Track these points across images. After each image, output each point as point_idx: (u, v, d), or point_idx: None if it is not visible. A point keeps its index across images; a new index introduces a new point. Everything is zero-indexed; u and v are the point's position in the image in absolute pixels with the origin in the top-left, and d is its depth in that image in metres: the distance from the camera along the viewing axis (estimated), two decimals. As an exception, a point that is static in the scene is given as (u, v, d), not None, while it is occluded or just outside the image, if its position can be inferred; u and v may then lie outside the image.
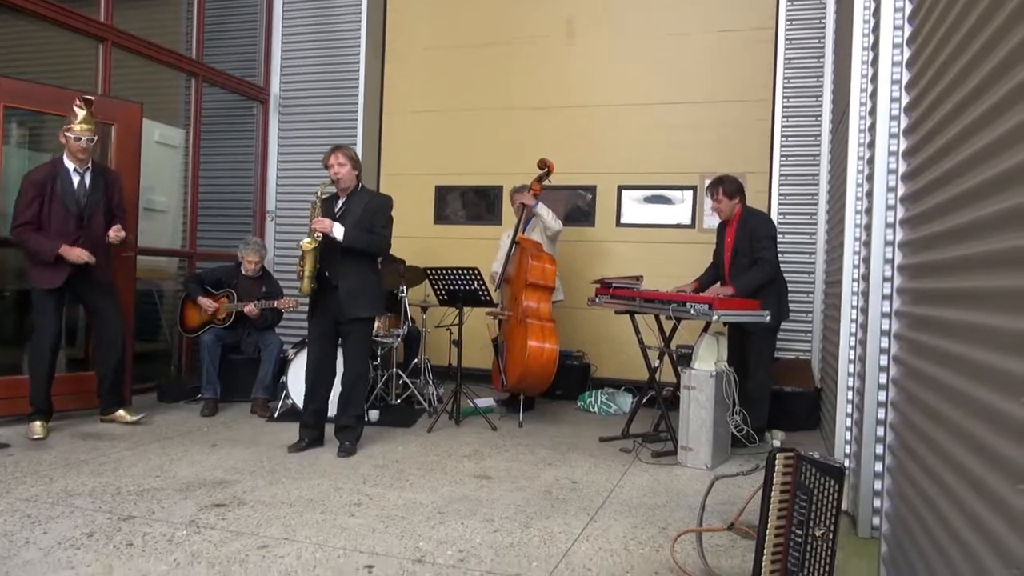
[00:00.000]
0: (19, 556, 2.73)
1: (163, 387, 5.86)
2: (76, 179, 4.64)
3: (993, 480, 1.54)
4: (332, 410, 4.55)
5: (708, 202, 5.09)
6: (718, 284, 4.97)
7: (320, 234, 4.23)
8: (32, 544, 2.84)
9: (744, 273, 4.76)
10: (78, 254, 4.53)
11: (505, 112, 6.98)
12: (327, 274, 4.32)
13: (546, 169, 5.56)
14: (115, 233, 4.69)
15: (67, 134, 4.56)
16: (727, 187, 4.85)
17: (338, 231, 4.22)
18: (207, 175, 6.76)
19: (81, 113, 4.55)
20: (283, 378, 5.35)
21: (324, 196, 4.38)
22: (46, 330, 4.58)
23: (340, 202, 4.40)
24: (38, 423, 4.50)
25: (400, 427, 5.09)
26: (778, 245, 4.95)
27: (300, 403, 4.86)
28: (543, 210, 5.55)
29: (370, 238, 4.31)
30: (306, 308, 4.56)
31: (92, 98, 4.62)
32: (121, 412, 4.92)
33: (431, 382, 5.73)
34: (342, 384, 4.45)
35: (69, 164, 4.62)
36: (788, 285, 5.03)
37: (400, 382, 5.76)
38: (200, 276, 5.86)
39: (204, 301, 5.58)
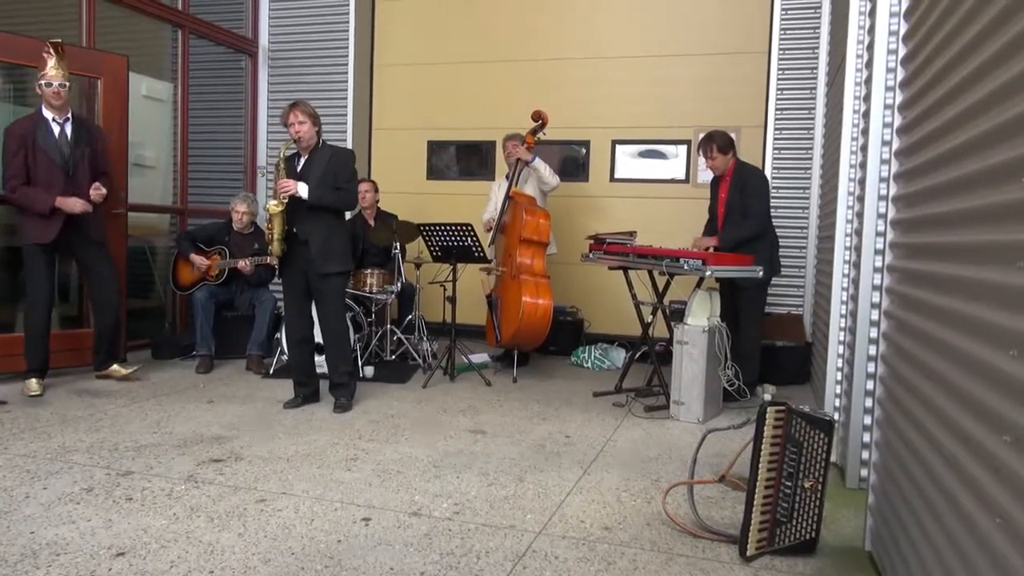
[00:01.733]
0: (20, 511, 2.76)
1: (157, 344, 5.87)
2: (56, 129, 4.56)
3: (980, 432, 1.56)
4: (322, 367, 4.56)
5: (702, 159, 5.05)
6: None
7: (286, 196, 4.19)
8: (32, 499, 2.87)
9: (734, 225, 4.76)
10: (73, 203, 4.49)
11: (498, 65, 6.87)
12: (295, 231, 4.27)
13: (540, 121, 5.49)
14: (95, 192, 4.61)
15: (40, 82, 4.48)
16: (719, 142, 4.82)
17: (303, 190, 4.18)
18: (196, 130, 6.66)
19: (51, 59, 4.45)
20: (277, 334, 5.36)
21: (287, 154, 4.32)
22: (39, 287, 4.55)
23: (302, 160, 4.34)
24: (34, 380, 4.51)
25: (395, 383, 5.12)
26: (771, 200, 4.94)
27: (295, 360, 4.88)
28: (540, 165, 5.50)
29: (336, 194, 4.27)
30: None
31: (60, 41, 4.50)
32: (115, 367, 4.92)
33: (425, 338, 5.75)
34: (324, 344, 4.44)
35: (48, 114, 4.54)
36: (780, 240, 5.03)
37: (395, 338, 5.78)
38: (192, 233, 5.82)
39: (196, 259, 5.55)
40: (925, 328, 2.07)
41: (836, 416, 3.55)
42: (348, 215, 5.73)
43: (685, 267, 4.27)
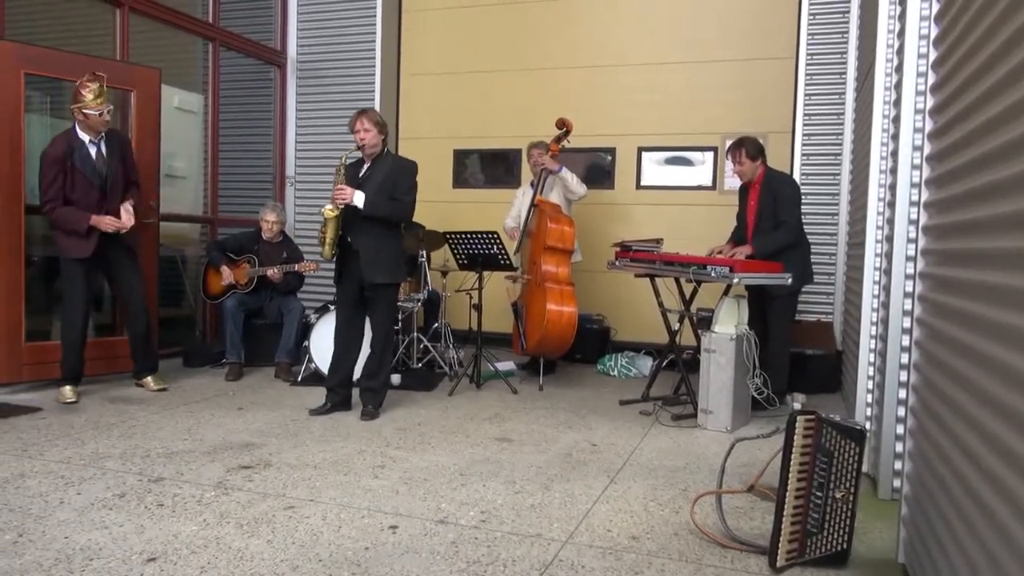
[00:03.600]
0: (54, 516, 2.81)
1: (188, 352, 5.95)
2: (93, 150, 4.64)
3: (1016, 442, 1.52)
4: (358, 373, 4.59)
5: (729, 165, 5.02)
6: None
7: (343, 202, 4.23)
8: (66, 504, 2.92)
9: (767, 234, 4.71)
10: (109, 221, 4.59)
11: (523, 73, 6.89)
12: (349, 240, 4.33)
13: (565, 128, 5.49)
14: (126, 215, 4.68)
15: (85, 111, 4.49)
16: (749, 148, 4.77)
17: (359, 199, 4.21)
18: (227, 141, 6.75)
19: (94, 86, 4.49)
20: (306, 342, 5.40)
21: (349, 161, 4.36)
22: (76, 298, 4.65)
23: (364, 167, 4.39)
24: (68, 388, 4.59)
25: (421, 391, 5.14)
26: (802, 207, 4.88)
27: (323, 367, 4.92)
28: (568, 174, 5.49)
29: (391, 205, 4.29)
30: (327, 272, 4.58)
31: (102, 74, 4.59)
32: (149, 379, 5.00)
33: (452, 346, 5.77)
34: (372, 348, 4.48)
35: (83, 136, 4.60)
36: (811, 246, 4.97)
37: (421, 346, 5.80)
38: (222, 243, 5.89)
39: (224, 271, 5.62)
40: (958, 336, 2.03)
41: (867, 425, 3.49)
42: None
43: (712, 274, 4.24)
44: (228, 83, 6.76)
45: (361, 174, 4.36)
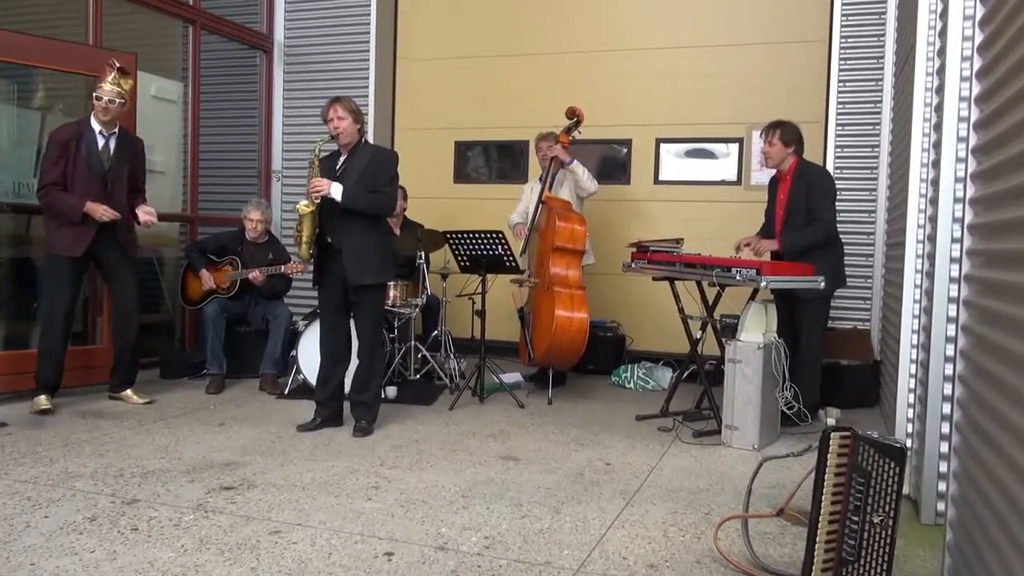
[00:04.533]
0: (20, 541, 2.81)
1: (165, 363, 5.95)
2: (101, 142, 4.76)
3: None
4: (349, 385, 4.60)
5: (756, 151, 4.99)
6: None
7: (318, 196, 4.24)
8: (33, 528, 2.93)
9: (797, 230, 4.69)
10: (103, 211, 4.64)
11: (531, 58, 6.90)
12: (329, 239, 4.33)
13: (576, 119, 5.49)
14: (145, 217, 4.90)
15: (95, 94, 4.69)
16: (785, 132, 4.75)
17: (336, 191, 4.22)
18: (208, 132, 6.79)
19: (111, 74, 4.68)
20: (293, 352, 5.42)
21: (323, 153, 4.38)
22: (61, 301, 4.71)
23: (341, 159, 4.40)
24: (43, 396, 4.65)
25: (419, 405, 5.14)
26: (836, 204, 4.87)
27: (312, 379, 4.93)
28: (578, 168, 5.50)
29: (372, 198, 4.30)
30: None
31: (125, 66, 4.78)
32: (129, 392, 5.02)
33: (452, 356, 5.77)
34: (359, 358, 4.49)
35: (95, 125, 4.74)
36: (845, 247, 4.96)
37: (419, 356, 5.81)
38: (202, 243, 5.91)
39: (204, 275, 5.63)
40: (1008, 345, 2.02)
41: (909, 443, 3.48)
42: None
43: (737, 277, 4.24)
44: (210, 70, 6.78)
45: (338, 166, 4.38)
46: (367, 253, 4.32)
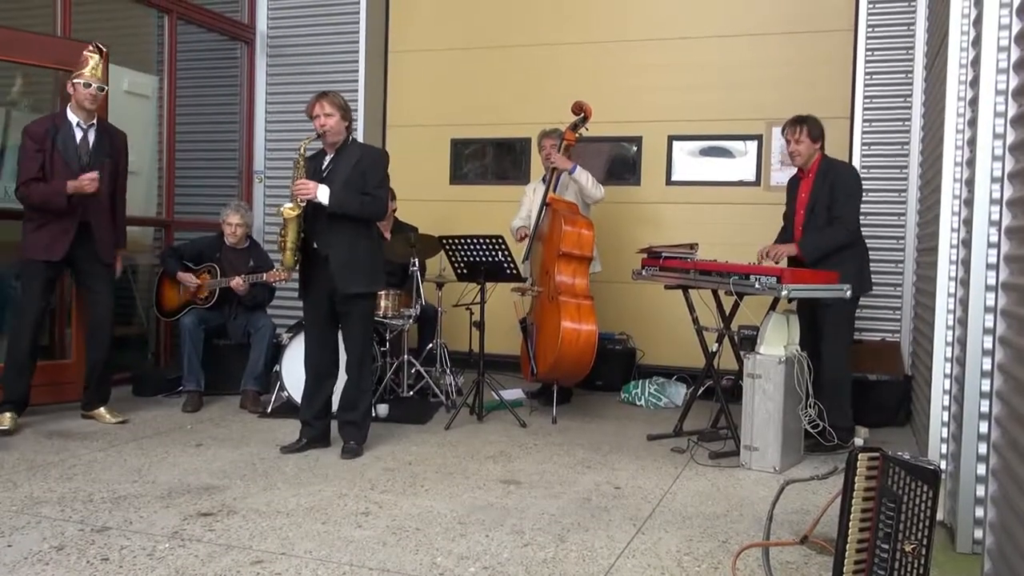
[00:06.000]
0: (-20, 572, 2.81)
1: (139, 379, 5.96)
2: (79, 134, 4.80)
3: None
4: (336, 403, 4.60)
5: (776, 149, 4.99)
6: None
7: (304, 199, 4.24)
8: (-6, 559, 2.93)
9: (818, 232, 4.68)
10: (87, 180, 4.62)
11: (533, 50, 6.92)
12: (315, 245, 4.34)
13: (583, 114, 5.50)
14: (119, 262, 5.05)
15: (75, 80, 4.71)
16: (812, 128, 4.75)
17: (323, 194, 4.22)
18: (185, 130, 6.80)
19: (94, 58, 4.71)
20: (277, 367, 5.42)
21: (308, 152, 4.39)
22: (32, 307, 4.75)
23: (327, 159, 4.41)
24: (8, 414, 4.65)
25: (413, 423, 5.14)
26: (861, 204, 4.87)
27: (296, 396, 4.93)
28: (582, 175, 5.50)
29: (361, 201, 4.31)
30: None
31: (105, 49, 4.82)
32: (102, 410, 5.03)
33: (449, 371, 5.77)
34: (347, 373, 4.49)
35: (73, 118, 4.78)
36: (871, 253, 4.95)
37: (413, 371, 5.81)
38: (179, 249, 5.92)
39: (185, 277, 5.64)
40: (1050, 358, 2.02)
41: (943, 465, 3.48)
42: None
43: (756, 286, 4.24)
44: (187, 63, 6.81)
45: (324, 167, 4.38)
46: (356, 260, 4.32)
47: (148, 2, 6.44)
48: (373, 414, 5.02)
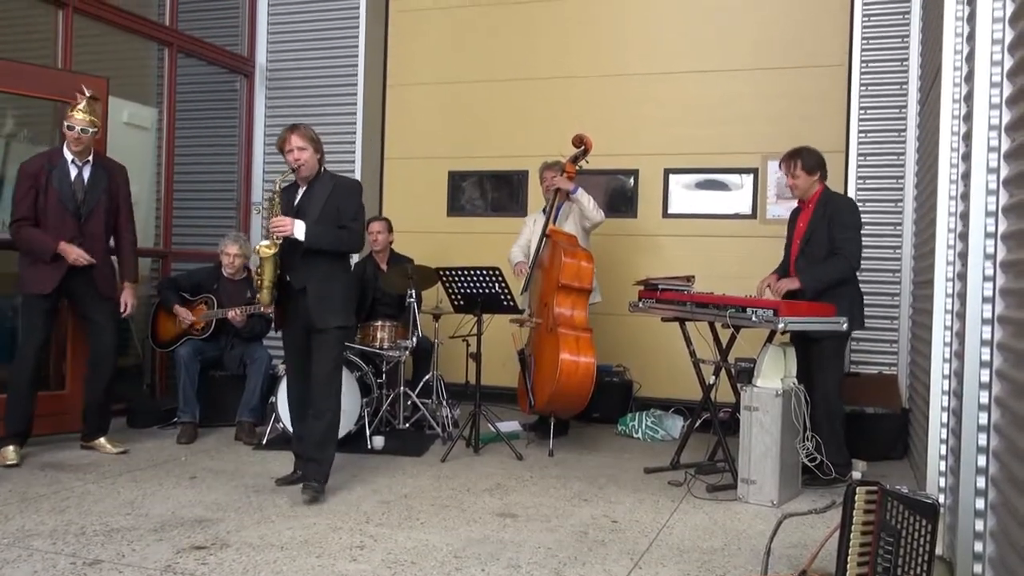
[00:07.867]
0: (-30, 606, 2.78)
1: (133, 410, 5.92)
2: (74, 172, 4.85)
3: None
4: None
5: (772, 182, 5.02)
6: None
7: (280, 236, 4.20)
8: (-15, 592, 2.90)
9: (818, 265, 4.69)
10: (78, 255, 4.72)
11: (531, 84, 6.99)
12: (288, 279, 4.29)
13: (583, 147, 5.55)
14: (127, 304, 5.07)
15: (65, 122, 4.77)
16: (806, 160, 4.77)
17: (299, 231, 4.15)
18: (183, 161, 6.83)
19: (81, 102, 4.77)
20: (272, 398, 5.39)
21: (284, 185, 4.37)
22: (33, 340, 4.78)
23: (300, 191, 4.37)
24: (11, 448, 4.64)
25: (409, 456, 5.11)
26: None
27: (291, 427, 4.89)
28: (583, 196, 5.54)
29: (337, 234, 4.28)
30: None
31: (96, 94, 4.90)
32: (103, 441, 5.02)
33: (445, 403, 5.75)
34: (314, 404, 4.28)
35: (68, 155, 4.83)
36: (868, 286, 4.96)
37: (409, 403, 5.79)
38: (176, 280, 5.93)
39: (181, 311, 5.64)
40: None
41: (941, 499, 3.46)
42: (356, 258, 5.78)
43: (753, 318, 4.25)
44: (187, 95, 6.85)
45: (297, 200, 4.35)
46: (332, 295, 4.27)
47: (149, 35, 6.50)
48: (368, 446, 5.01)
